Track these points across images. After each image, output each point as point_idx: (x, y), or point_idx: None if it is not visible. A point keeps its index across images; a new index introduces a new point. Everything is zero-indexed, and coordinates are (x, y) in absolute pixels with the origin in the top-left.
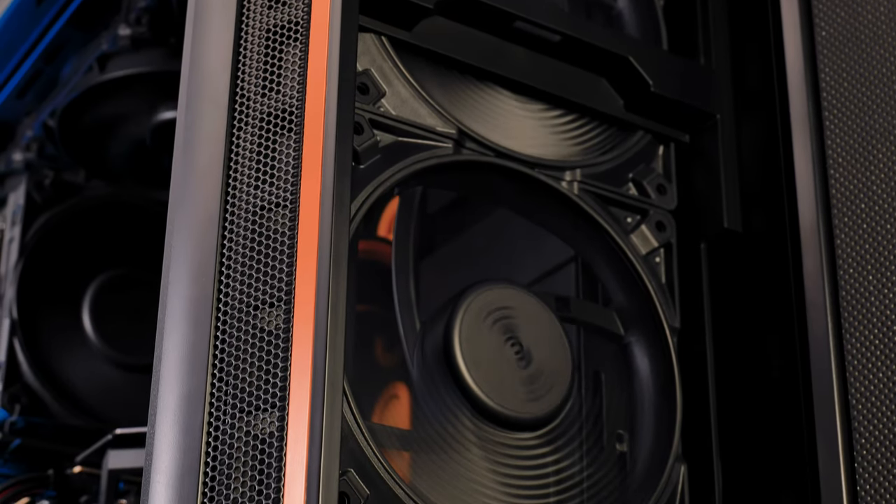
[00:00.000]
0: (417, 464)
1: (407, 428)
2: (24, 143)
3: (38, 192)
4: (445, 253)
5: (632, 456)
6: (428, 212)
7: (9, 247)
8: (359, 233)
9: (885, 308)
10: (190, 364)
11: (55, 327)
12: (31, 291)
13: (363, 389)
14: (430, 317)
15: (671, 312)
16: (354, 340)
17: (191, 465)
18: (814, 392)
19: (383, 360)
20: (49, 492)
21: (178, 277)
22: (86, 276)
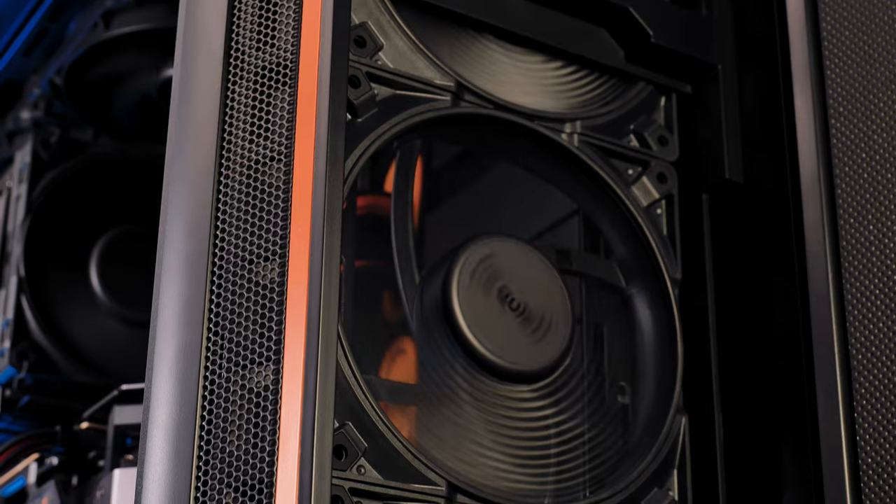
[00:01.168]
0: (417, 417)
1: (413, 382)
2: (32, 102)
3: (44, 150)
4: (449, 207)
5: (633, 408)
6: (433, 166)
7: (16, 204)
8: (358, 186)
9: (885, 257)
10: (186, 318)
11: (63, 284)
12: (38, 249)
13: (370, 344)
14: (428, 271)
15: (672, 264)
16: (354, 295)
17: (187, 418)
18: (814, 341)
19: (390, 315)
20: (57, 448)
21: (174, 232)
22: (93, 232)
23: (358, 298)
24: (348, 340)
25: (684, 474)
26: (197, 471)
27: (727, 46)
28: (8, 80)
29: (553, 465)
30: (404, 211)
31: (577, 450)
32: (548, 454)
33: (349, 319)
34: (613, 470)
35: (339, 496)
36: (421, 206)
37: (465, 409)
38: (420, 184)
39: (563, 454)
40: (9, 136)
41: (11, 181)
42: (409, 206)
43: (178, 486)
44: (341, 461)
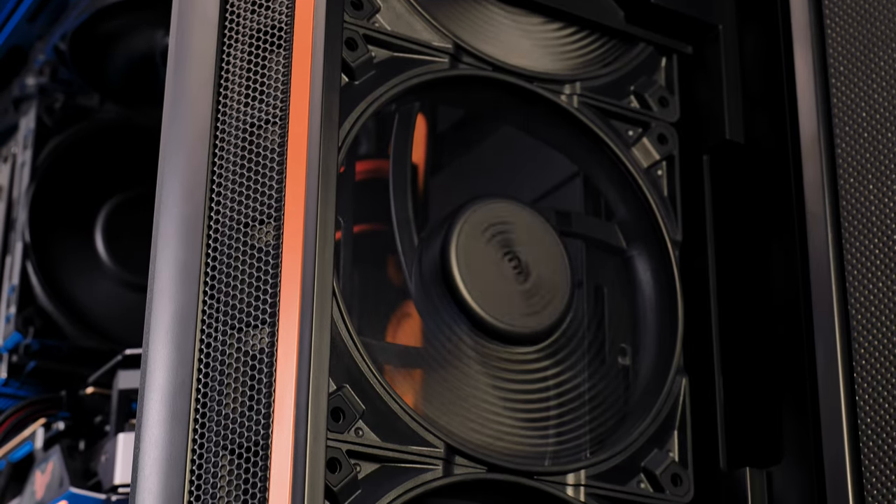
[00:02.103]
0: (416, 380)
1: (417, 346)
2: (37, 68)
3: (48, 116)
4: (451, 171)
5: (634, 369)
6: (434, 129)
7: (21, 171)
8: (363, 150)
9: (885, 217)
10: (182, 282)
11: (68, 250)
12: (43, 214)
13: (375, 308)
14: (427, 233)
15: (673, 225)
16: (353, 258)
17: (183, 381)
18: (813, 302)
19: (395, 279)
20: (63, 413)
21: (170, 196)
22: (98, 198)
23: (363, 262)
24: (346, 304)
25: (684, 435)
26: (193, 433)
27: (728, 6)
28: (13, 46)
29: (553, 427)
30: (402, 173)
31: (578, 411)
32: (548, 416)
33: (348, 283)
34: (614, 431)
35: (337, 458)
36: (423, 169)
37: (464, 371)
38: (422, 147)
39: (563, 415)
40: (15, 102)
41: (17, 148)
42: (407, 169)
43: (174, 449)
44: (339, 423)
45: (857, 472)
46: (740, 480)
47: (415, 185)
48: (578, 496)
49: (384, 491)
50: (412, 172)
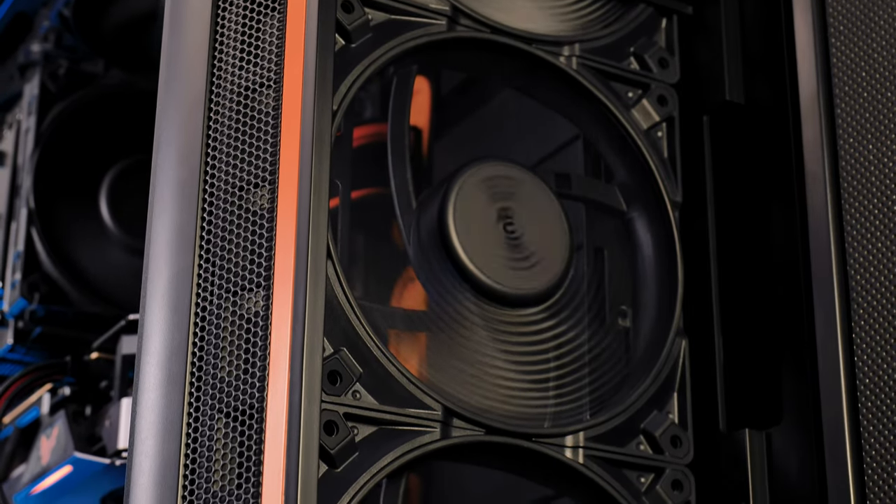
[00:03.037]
0: (414, 343)
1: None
2: (42, 34)
3: (52, 83)
4: (452, 135)
5: (634, 331)
6: (435, 93)
7: (25, 137)
8: (367, 114)
9: (885, 178)
10: (177, 245)
11: (73, 216)
12: (47, 181)
13: (380, 273)
14: (425, 196)
15: (673, 187)
16: (351, 222)
17: (179, 345)
18: (812, 262)
19: (399, 244)
20: (68, 378)
21: (166, 159)
22: (103, 164)
23: (367, 227)
24: (347, 268)
25: (684, 397)
26: (189, 397)
27: None
28: (18, 13)
29: (553, 389)
30: (400, 136)
31: (577, 373)
32: (547, 378)
33: (347, 248)
34: (614, 393)
35: (334, 421)
36: (428, 133)
37: (462, 333)
38: (426, 111)
39: (562, 377)
40: (20, 69)
41: (21, 114)
42: (405, 131)
43: (170, 413)
44: (335, 386)
45: (855, 433)
46: (740, 442)
47: (418, 149)
48: (577, 458)
49: (382, 453)
50: (415, 137)
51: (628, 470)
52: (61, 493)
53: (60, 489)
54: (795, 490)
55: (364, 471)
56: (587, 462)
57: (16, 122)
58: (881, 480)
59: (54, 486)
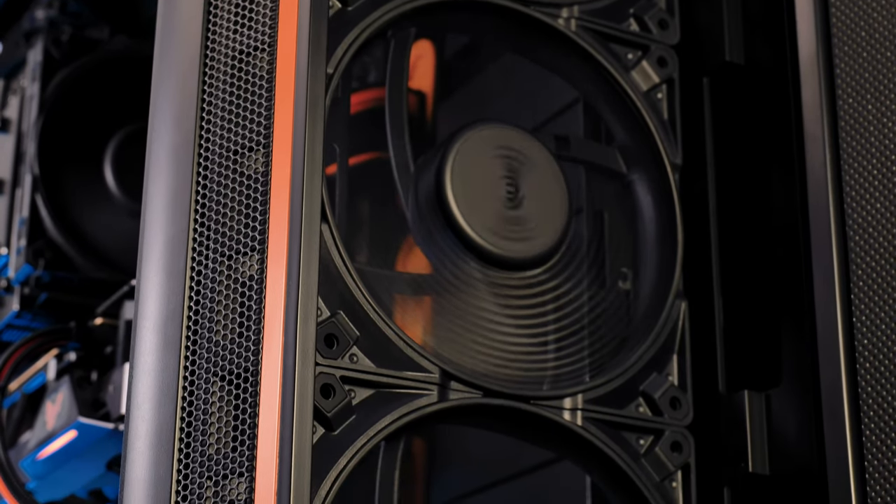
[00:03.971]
0: (417, 307)
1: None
2: (46, 1)
3: (55, 49)
4: (455, 100)
5: (634, 293)
6: (443, 58)
7: (29, 103)
8: (371, 79)
9: (884, 138)
10: (173, 209)
11: (77, 182)
12: (52, 147)
13: (384, 238)
14: (423, 159)
15: (673, 149)
16: (350, 186)
17: (175, 309)
18: (811, 224)
19: (401, 207)
20: (72, 344)
21: (161, 125)
22: (107, 130)
23: (371, 192)
24: (344, 232)
25: (683, 359)
26: (185, 360)
27: None
28: None
29: (552, 352)
30: (398, 99)
31: (577, 335)
32: (546, 341)
33: (344, 212)
34: (614, 356)
35: (330, 384)
36: (429, 96)
37: (460, 297)
38: (430, 75)
39: (561, 340)
40: (25, 36)
41: (25, 80)
42: (403, 95)
43: (166, 377)
44: (332, 350)
45: (853, 395)
46: (739, 403)
47: (422, 113)
48: (575, 420)
49: (379, 416)
50: (420, 101)
51: (627, 432)
52: (67, 458)
53: (66, 454)
54: (794, 451)
55: (361, 433)
56: (585, 424)
57: (20, 89)
58: (879, 441)
59: (60, 451)
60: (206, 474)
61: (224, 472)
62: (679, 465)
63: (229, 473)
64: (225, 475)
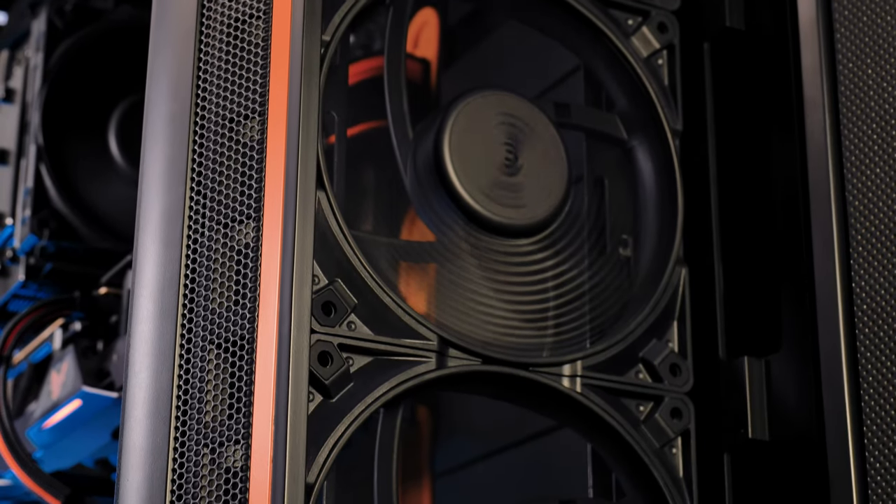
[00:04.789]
0: (411, 274)
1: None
2: None
3: (59, 18)
4: (457, 67)
5: (635, 260)
6: (448, 26)
7: (33, 73)
8: (376, 48)
9: (884, 103)
10: (169, 178)
11: (82, 152)
12: (56, 117)
13: (389, 207)
14: (422, 127)
15: (673, 115)
16: (348, 154)
17: (171, 277)
18: (811, 189)
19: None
20: (77, 313)
21: (158, 94)
22: (111, 99)
23: (376, 161)
24: (340, 200)
25: (684, 325)
26: (181, 328)
27: None
28: None
29: (552, 318)
30: (396, 65)
31: (577, 302)
32: (546, 307)
33: (344, 179)
34: (614, 322)
35: (328, 352)
36: (433, 64)
37: (460, 265)
38: (434, 43)
39: (561, 307)
40: (31, 6)
41: (30, 50)
42: (402, 61)
43: (163, 344)
44: (330, 317)
45: (852, 360)
46: (739, 369)
47: (427, 81)
48: (574, 387)
49: (376, 384)
50: (424, 69)
51: (627, 399)
52: (72, 427)
53: (71, 423)
54: (794, 417)
55: (359, 401)
56: (585, 391)
57: (24, 59)
58: (878, 406)
59: (65, 420)
60: (203, 441)
61: (220, 440)
62: (679, 431)
63: (226, 441)
64: (221, 442)
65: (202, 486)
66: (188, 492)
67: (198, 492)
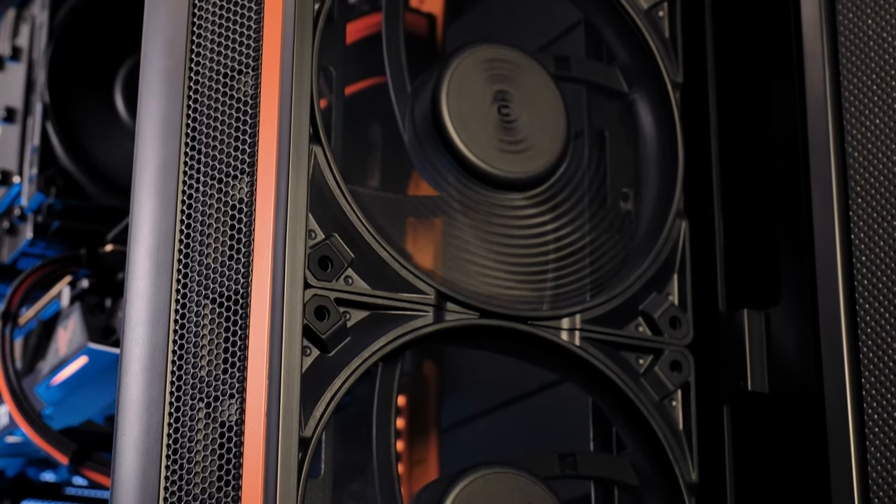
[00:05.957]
0: (419, 230)
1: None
2: None
3: None
4: (470, 21)
5: (636, 213)
6: None
7: (39, 31)
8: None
9: (884, 53)
10: (164, 134)
11: (88, 109)
12: (62, 75)
13: (393, 162)
14: (420, 80)
15: (674, 67)
16: (346, 109)
17: (166, 233)
18: (810, 141)
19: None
20: (83, 270)
21: (153, 49)
22: (117, 57)
23: (382, 116)
24: (337, 154)
25: (684, 278)
26: (176, 284)
27: None
28: None
29: (551, 272)
30: (394, 19)
31: (576, 255)
32: (545, 261)
33: (340, 134)
34: (614, 276)
35: (325, 306)
36: (439, 19)
37: (458, 219)
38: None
39: (561, 260)
40: None
41: (36, 8)
42: (400, 15)
43: (159, 299)
44: (326, 272)
45: (851, 312)
46: (739, 322)
47: (433, 36)
48: (573, 340)
49: (374, 338)
50: (430, 24)
51: (626, 352)
52: (80, 383)
53: (79, 380)
54: (793, 369)
55: (356, 355)
56: (584, 344)
57: (30, 17)
58: (875, 358)
59: (73, 376)
60: (198, 396)
61: (216, 394)
62: (678, 384)
63: (220, 395)
64: (216, 397)
65: (197, 441)
66: (183, 445)
67: (193, 445)
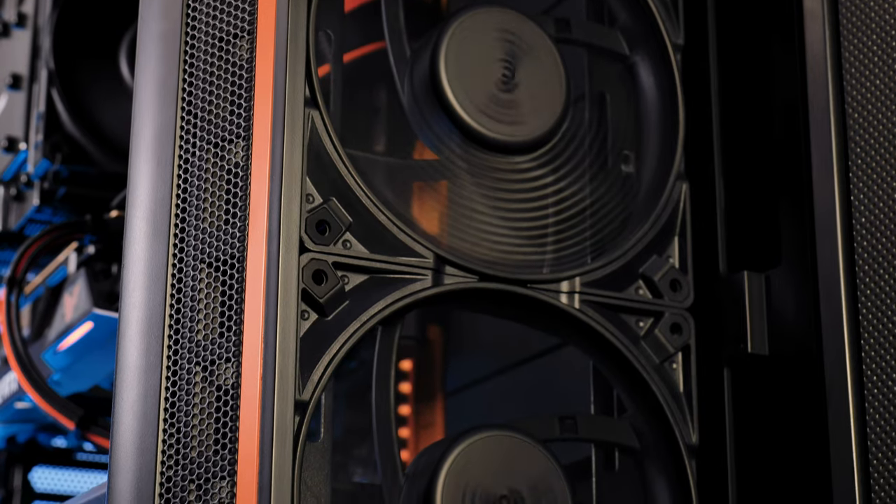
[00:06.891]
0: (409, 192)
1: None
2: None
3: None
4: None
5: (637, 176)
6: None
7: None
8: None
9: (884, 13)
10: (161, 99)
11: (93, 75)
12: (67, 41)
13: (395, 128)
14: (419, 44)
15: (675, 29)
16: (345, 73)
17: (163, 197)
18: (810, 103)
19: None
20: (89, 236)
21: (149, 14)
22: (122, 23)
23: (388, 81)
24: (335, 119)
25: (684, 241)
26: (173, 248)
27: None
28: None
29: (551, 235)
30: None
31: (577, 218)
32: (545, 224)
33: (338, 97)
34: (615, 239)
35: (322, 270)
36: None
37: (458, 182)
38: None
39: (561, 223)
40: None
41: None
42: None
43: (155, 264)
44: (324, 236)
45: (850, 274)
46: (739, 284)
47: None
48: (573, 303)
49: (372, 301)
50: None
51: (626, 315)
52: (86, 349)
53: (85, 345)
54: (793, 331)
55: (354, 318)
56: (583, 307)
57: None
58: (875, 319)
59: (79, 341)
60: (195, 360)
61: (212, 358)
62: (679, 346)
63: (217, 359)
64: (213, 361)
65: (194, 404)
66: (181, 409)
67: (190, 409)
